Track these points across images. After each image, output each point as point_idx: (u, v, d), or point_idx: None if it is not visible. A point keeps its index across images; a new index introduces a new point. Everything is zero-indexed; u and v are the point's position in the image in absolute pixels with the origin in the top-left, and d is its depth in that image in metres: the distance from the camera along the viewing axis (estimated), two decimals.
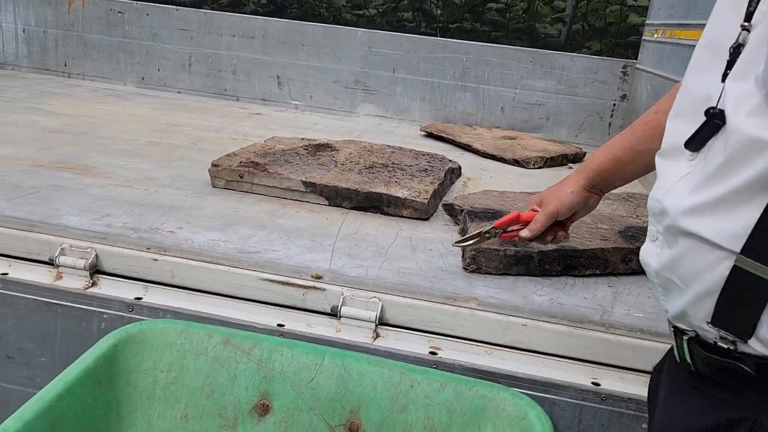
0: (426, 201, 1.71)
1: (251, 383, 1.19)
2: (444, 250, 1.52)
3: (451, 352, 1.24)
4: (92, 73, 3.32)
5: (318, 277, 1.31)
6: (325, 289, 1.29)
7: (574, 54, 2.93)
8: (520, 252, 1.41)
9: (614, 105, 2.91)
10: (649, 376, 1.12)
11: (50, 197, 1.58)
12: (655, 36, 2.59)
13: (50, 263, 1.36)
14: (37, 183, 1.68)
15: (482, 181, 2.21)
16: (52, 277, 1.35)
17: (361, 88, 3.10)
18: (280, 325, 1.28)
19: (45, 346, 1.35)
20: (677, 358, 0.80)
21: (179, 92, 3.25)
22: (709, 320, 0.72)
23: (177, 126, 2.54)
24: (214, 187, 1.82)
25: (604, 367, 1.21)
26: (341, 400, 1.16)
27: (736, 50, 0.69)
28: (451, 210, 1.73)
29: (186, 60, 3.22)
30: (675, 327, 0.79)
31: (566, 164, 2.59)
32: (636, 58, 2.92)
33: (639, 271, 1.49)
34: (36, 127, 2.27)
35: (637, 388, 1.18)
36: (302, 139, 2.21)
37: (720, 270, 0.69)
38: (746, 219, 0.66)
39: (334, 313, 1.28)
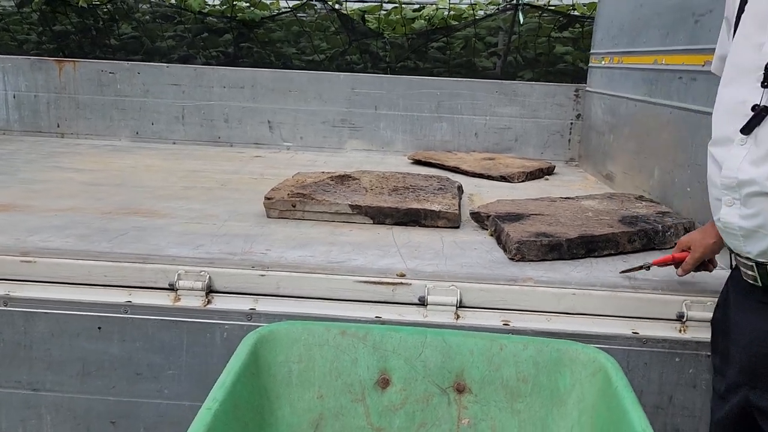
0: (457, 212, 2.03)
1: (371, 363, 1.45)
2: (487, 248, 1.84)
3: (519, 322, 1.55)
4: (86, 131, 3.48)
5: (402, 275, 1.60)
6: (410, 284, 1.57)
7: (534, 82, 3.36)
8: (552, 241, 1.75)
9: (571, 124, 3.34)
10: (672, 322, 1.49)
11: (141, 236, 1.80)
12: (603, 62, 3.04)
13: (170, 288, 1.58)
14: (120, 226, 1.88)
15: (482, 195, 2.55)
16: (171, 300, 1.57)
17: (347, 126, 3.41)
18: (377, 317, 1.55)
19: (172, 359, 1.56)
20: (758, 283, 1.17)
21: (174, 143, 3.46)
22: None
23: (196, 172, 2.76)
24: (268, 217, 2.07)
25: (640, 320, 1.55)
26: (447, 367, 1.44)
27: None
28: (478, 217, 2.05)
29: (179, 113, 3.44)
30: (756, 262, 1.16)
31: (543, 177, 2.97)
32: (571, 82, 3.38)
33: (641, 249, 1.86)
34: (74, 182, 2.45)
35: (667, 331, 1.53)
36: (323, 172, 2.49)
37: None
38: None
39: (421, 302, 1.56)
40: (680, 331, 1.53)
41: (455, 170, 2.98)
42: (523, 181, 2.86)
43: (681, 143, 2.07)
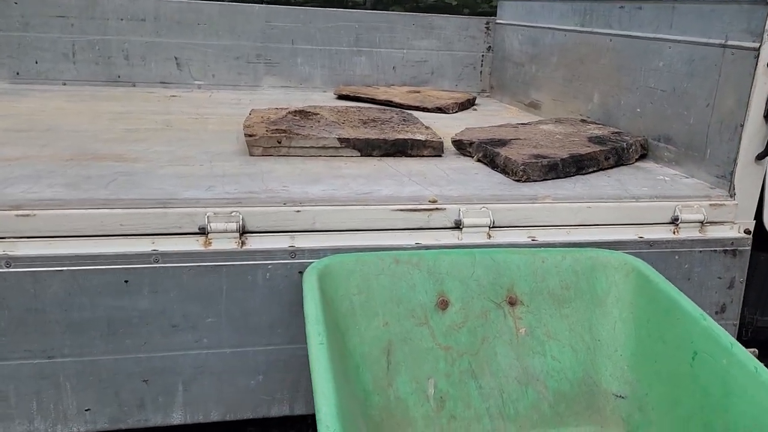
0: (441, 140, 2.07)
1: (428, 287, 1.48)
2: (486, 173, 1.91)
3: (544, 236, 1.66)
4: None
5: (434, 201, 1.62)
6: (445, 209, 1.61)
7: (449, 15, 3.42)
8: (550, 162, 1.86)
9: (482, 56, 3.47)
10: (668, 225, 1.68)
11: (135, 181, 1.63)
12: None
13: (200, 232, 1.46)
14: (101, 173, 1.68)
15: (433, 125, 2.60)
16: (202, 245, 1.47)
17: (263, 61, 3.25)
18: (417, 243, 1.57)
19: (210, 306, 1.47)
20: None
21: (65, 84, 3.07)
22: None
23: (122, 114, 2.50)
24: (251, 155, 1.96)
25: (642, 226, 1.73)
26: (498, 283, 1.51)
27: None
28: (460, 144, 2.11)
29: (69, 49, 3.04)
30: None
31: (471, 107, 3.09)
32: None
33: (614, 165, 2.04)
34: None
35: (664, 234, 1.72)
36: (278, 108, 2.38)
37: None
38: None
39: (457, 226, 1.61)
40: (674, 232, 1.73)
41: (388, 104, 2.99)
42: (456, 111, 2.95)
43: (625, 68, 2.27)
